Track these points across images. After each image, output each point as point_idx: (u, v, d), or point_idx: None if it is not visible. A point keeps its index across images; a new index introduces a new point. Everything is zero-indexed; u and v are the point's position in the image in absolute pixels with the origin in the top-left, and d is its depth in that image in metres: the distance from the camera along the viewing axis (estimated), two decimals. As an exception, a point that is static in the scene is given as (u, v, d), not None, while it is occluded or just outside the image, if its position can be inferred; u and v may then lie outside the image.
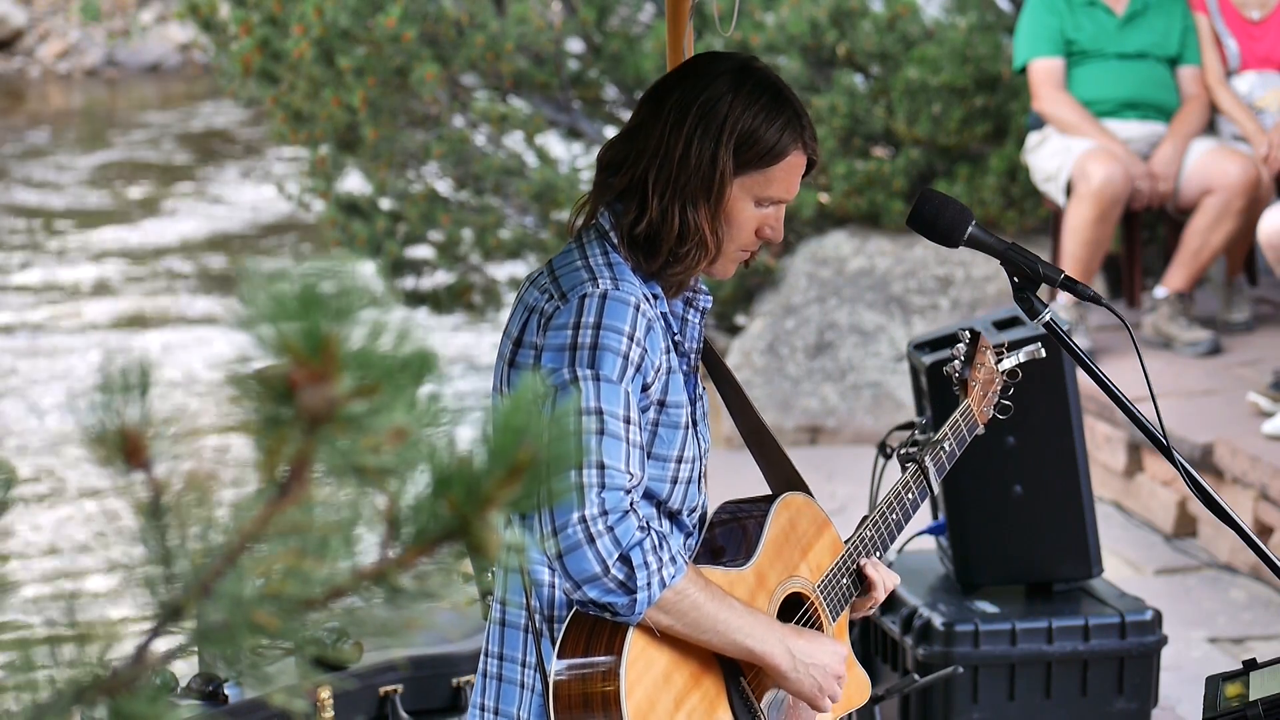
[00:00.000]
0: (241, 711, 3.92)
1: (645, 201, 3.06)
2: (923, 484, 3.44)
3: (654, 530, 2.93)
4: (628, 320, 2.98)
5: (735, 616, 3.02)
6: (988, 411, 3.58)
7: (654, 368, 3.02)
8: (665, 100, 3.10)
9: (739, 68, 3.12)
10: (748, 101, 3.07)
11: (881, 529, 3.37)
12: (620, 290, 3.01)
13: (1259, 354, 7.54)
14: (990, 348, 3.59)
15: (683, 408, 3.08)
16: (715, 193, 3.06)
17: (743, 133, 3.06)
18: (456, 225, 9.53)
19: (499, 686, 3.12)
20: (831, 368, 8.49)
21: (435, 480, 1.17)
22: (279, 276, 1.14)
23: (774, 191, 3.10)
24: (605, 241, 3.09)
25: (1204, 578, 6.51)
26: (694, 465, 3.13)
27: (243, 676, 1.20)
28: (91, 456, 1.17)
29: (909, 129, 8.76)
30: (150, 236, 14.51)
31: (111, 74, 22.69)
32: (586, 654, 2.98)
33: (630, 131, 3.13)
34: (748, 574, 3.15)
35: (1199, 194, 7.53)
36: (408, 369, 1.16)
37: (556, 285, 3.04)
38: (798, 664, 3.09)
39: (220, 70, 10.59)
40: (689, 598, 2.96)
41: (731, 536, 3.21)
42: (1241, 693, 3.13)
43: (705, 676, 3.08)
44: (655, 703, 2.99)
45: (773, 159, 3.08)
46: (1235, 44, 7.81)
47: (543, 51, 9.35)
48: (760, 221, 3.12)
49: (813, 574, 3.27)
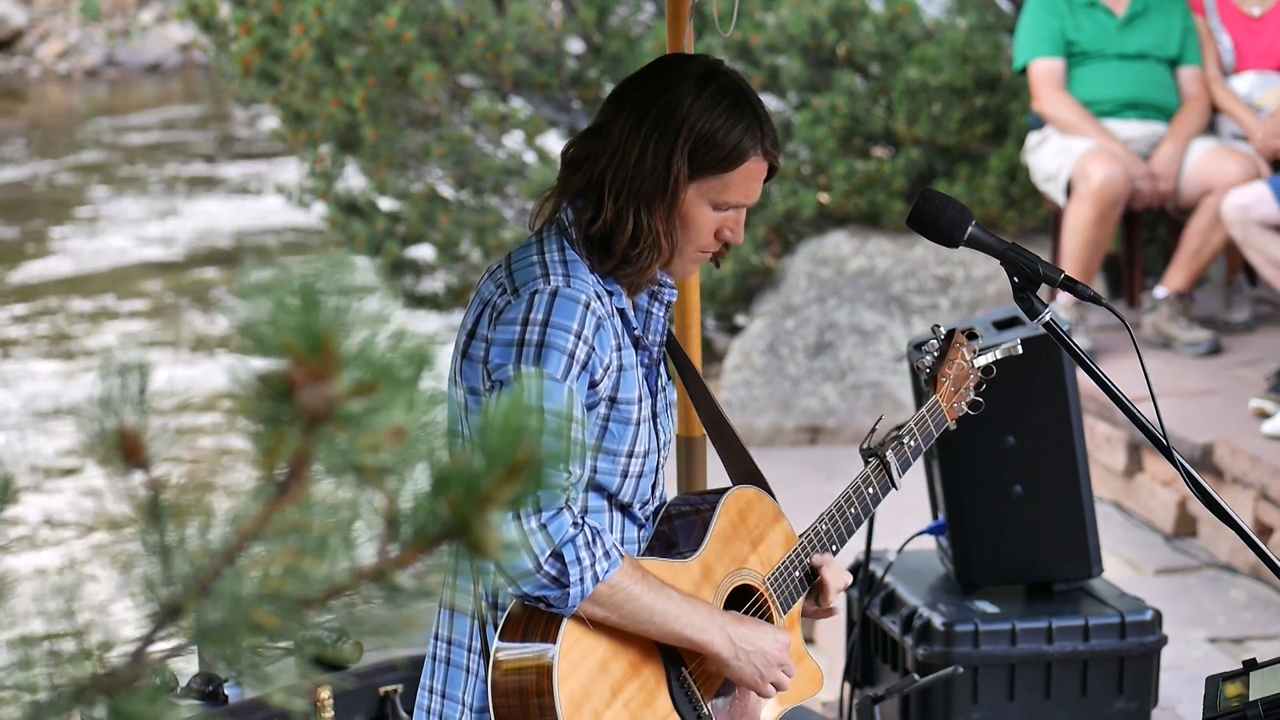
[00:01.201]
0: (241, 711, 3.92)
1: (601, 202, 3.07)
2: (884, 478, 3.44)
3: (588, 526, 2.96)
4: (576, 318, 3.00)
5: (673, 606, 3.05)
6: (959, 408, 3.58)
7: (602, 365, 3.04)
8: (626, 100, 3.11)
9: (703, 72, 3.12)
10: (707, 106, 3.07)
11: (838, 522, 3.38)
12: (571, 288, 3.02)
13: (1259, 354, 7.54)
14: (966, 345, 3.60)
15: (634, 404, 3.10)
16: (669, 196, 3.06)
17: (699, 137, 3.06)
18: (456, 225, 9.53)
19: (446, 670, 3.15)
20: (831, 368, 8.49)
21: (434, 479, 1.17)
22: (278, 276, 1.14)
23: (731, 196, 3.10)
24: (564, 237, 3.10)
25: (1204, 578, 6.51)
26: (646, 460, 3.15)
27: (242, 676, 1.20)
28: (91, 456, 1.17)
29: (909, 129, 8.76)
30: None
31: (111, 74, 22.69)
32: (523, 643, 3.01)
33: (593, 130, 3.14)
34: (692, 565, 3.17)
35: (1199, 194, 7.53)
36: (406, 368, 1.16)
37: (510, 280, 3.06)
38: (739, 651, 3.12)
39: (220, 70, 10.59)
40: (623, 590, 2.99)
41: (681, 529, 3.23)
42: (1241, 693, 3.13)
43: (644, 665, 3.10)
44: (590, 692, 3.02)
45: (730, 164, 3.08)
46: (1230, 40, 7.81)
47: (543, 51, 9.35)
48: (719, 224, 3.12)
49: (763, 566, 3.28)
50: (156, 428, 1.18)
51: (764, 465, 3.46)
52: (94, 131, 19.40)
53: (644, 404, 3.13)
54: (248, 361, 1.16)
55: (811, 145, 8.89)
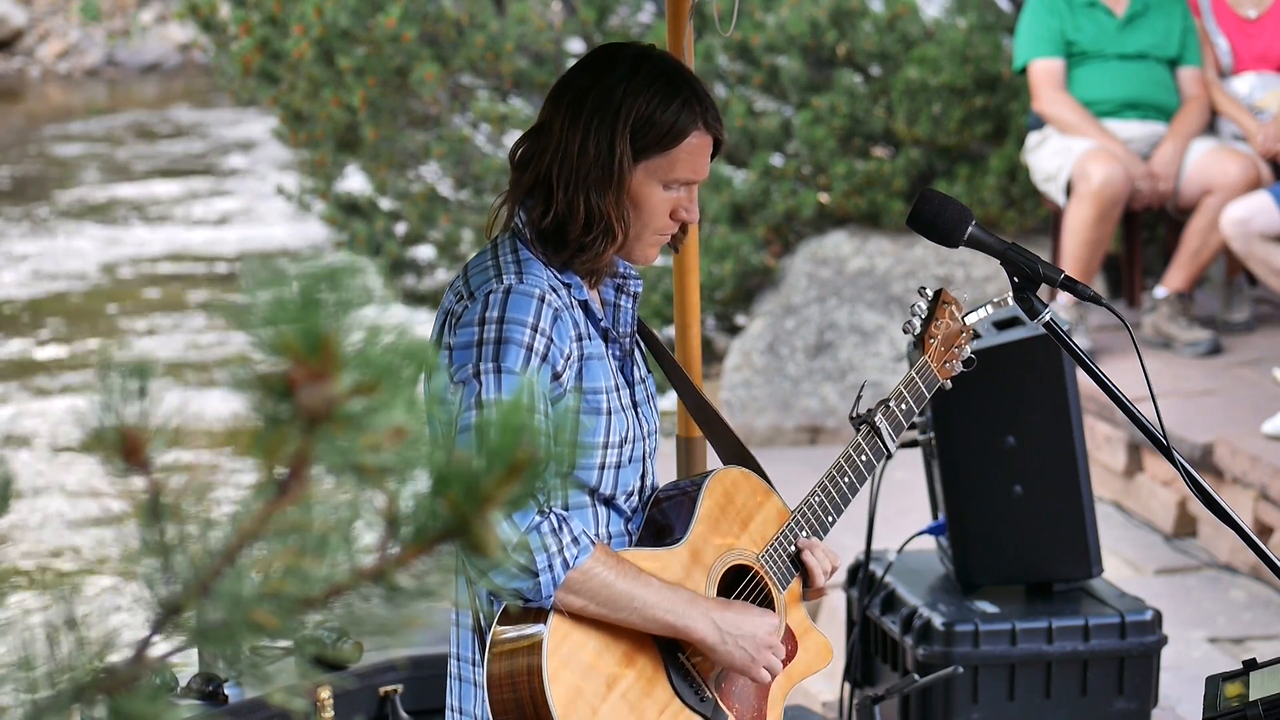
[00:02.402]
0: (241, 711, 3.92)
1: (551, 195, 3.10)
2: (876, 444, 3.41)
3: (554, 513, 2.96)
4: (531, 311, 3.02)
5: (652, 593, 3.04)
6: (952, 367, 3.55)
7: (563, 356, 3.05)
8: (564, 95, 3.14)
9: (635, 56, 3.16)
10: (641, 87, 3.10)
11: (831, 492, 3.36)
12: (525, 283, 3.05)
13: (1259, 354, 7.54)
14: (954, 303, 3.57)
15: (602, 394, 3.11)
16: (616, 180, 3.09)
17: (638, 118, 3.10)
18: (456, 225, 9.53)
19: (459, 686, 3.17)
20: (831, 368, 8.49)
21: (434, 479, 1.17)
22: (278, 275, 1.14)
23: (679, 173, 3.13)
24: (518, 239, 3.13)
25: (1204, 578, 6.51)
26: (623, 450, 3.15)
27: (243, 676, 1.20)
28: (91, 455, 1.17)
29: (909, 129, 8.75)
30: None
31: (111, 74, 22.70)
32: (512, 644, 3.02)
33: (536, 129, 3.17)
34: (680, 551, 3.16)
35: (1199, 194, 7.53)
36: (406, 368, 1.16)
37: (467, 286, 3.10)
38: (725, 636, 3.11)
39: (220, 70, 10.59)
40: (597, 577, 2.98)
41: (670, 515, 3.23)
42: (1241, 693, 3.13)
43: (639, 655, 3.10)
44: (583, 688, 3.02)
45: (671, 141, 3.11)
46: (1226, 43, 7.81)
47: (543, 51, 9.35)
48: (673, 204, 3.15)
49: (756, 544, 3.28)
50: (157, 427, 1.18)
51: (764, 465, 3.45)
52: (38, 138, 18.58)
53: (620, 393, 3.14)
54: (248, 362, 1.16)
55: (811, 145, 8.89)
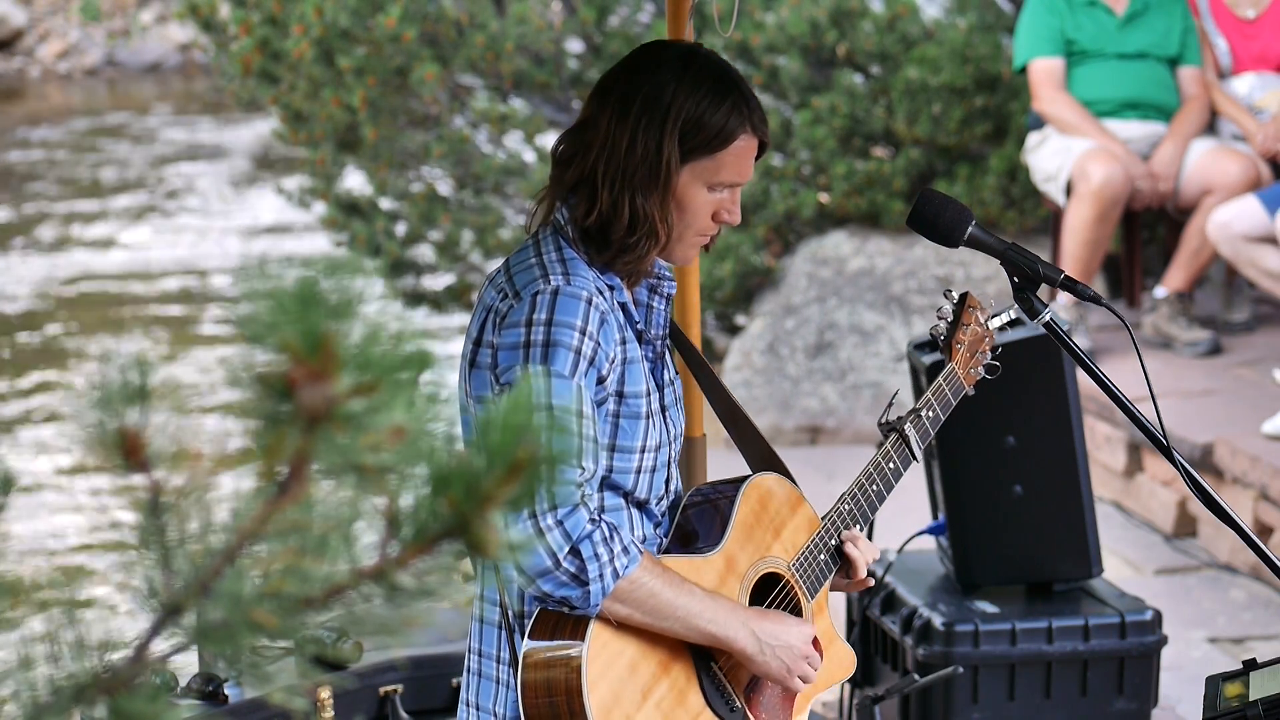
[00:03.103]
0: (241, 711, 3.92)
1: (595, 194, 3.08)
2: (904, 452, 3.42)
3: (605, 522, 2.95)
4: (580, 314, 3.00)
5: (696, 602, 3.04)
6: (976, 373, 3.54)
7: (608, 359, 3.04)
8: (611, 92, 3.12)
9: (683, 55, 3.13)
10: (691, 88, 3.08)
11: (861, 501, 3.37)
12: (572, 285, 3.03)
13: (1259, 354, 7.54)
14: (979, 307, 3.54)
15: (642, 397, 3.10)
16: (663, 181, 3.07)
17: (687, 119, 3.07)
18: (456, 225, 9.53)
19: (479, 683, 3.15)
20: (831, 368, 8.49)
21: (434, 478, 1.17)
22: (278, 275, 1.14)
23: (725, 176, 3.11)
24: (560, 236, 3.11)
25: (1204, 578, 6.51)
26: (658, 454, 3.14)
27: (243, 676, 1.20)
28: (91, 456, 1.17)
29: (909, 129, 8.75)
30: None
31: (111, 74, 22.69)
32: (550, 649, 3.01)
33: (580, 125, 3.15)
34: (716, 559, 3.16)
35: (1199, 194, 7.53)
36: (406, 367, 1.16)
37: (511, 284, 3.07)
38: (763, 646, 3.11)
39: (220, 70, 10.59)
40: (645, 586, 2.98)
41: (701, 521, 3.22)
42: (1241, 693, 3.13)
43: (674, 664, 3.09)
44: (620, 696, 3.01)
45: (720, 144, 3.09)
46: (1225, 43, 7.81)
47: (543, 51, 9.35)
48: (715, 206, 3.13)
49: (787, 553, 3.27)
50: (157, 427, 1.18)
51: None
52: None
53: (652, 397, 3.13)
54: (249, 360, 1.16)
55: (811, 145, 8.89)
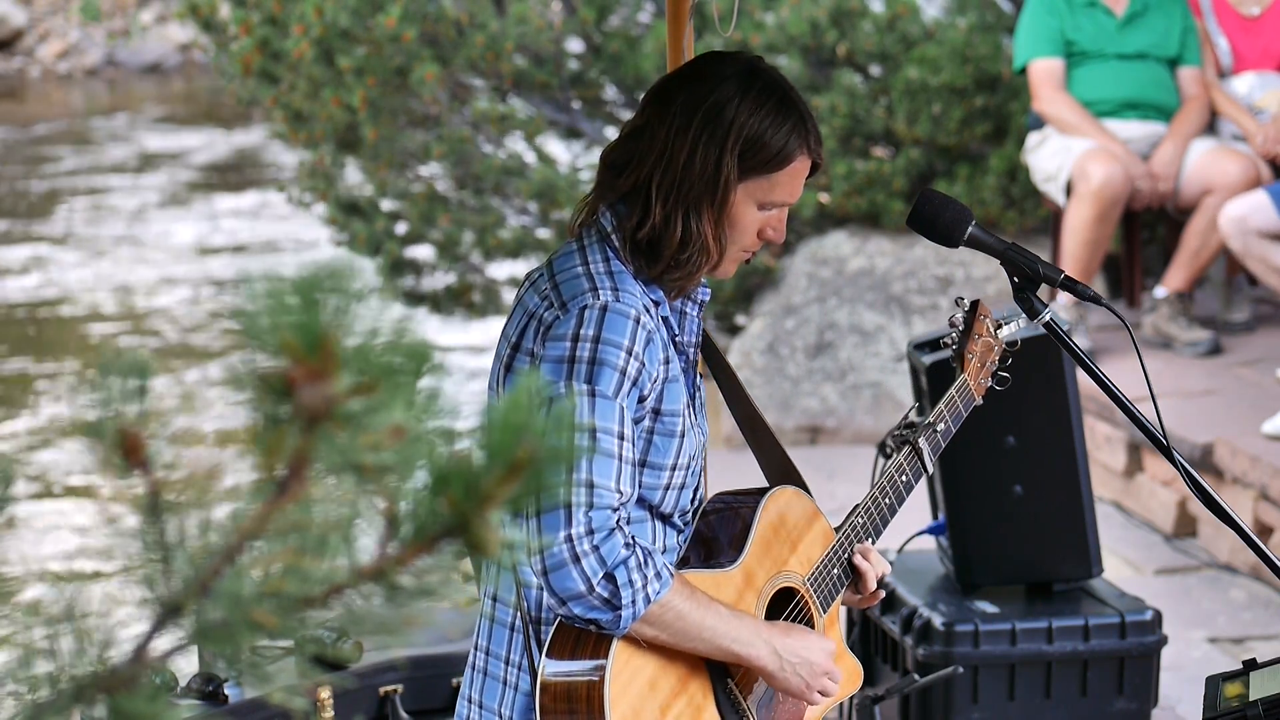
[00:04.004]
0: (241, 711, 3.92)
1: (649, 206, 3.03)
2: (917, 465, 3.41)
3: (640, 547, 2.93)
4: (627, 334, 2.96)
5: (721, 622, 3.03)
6: (985, 383, 3.52)
7: (651, 379, 3.01)
8: (671, 102, 3.07)
9: (746, 70, 3.08)
10: (754, 106, 3.04)
11: (874, 514, 3.35)
12: (621, 302, 2.98)
13: (1259, 354, 7.54)
14: (989, 316, 3.51)
15: (679, 416, 3.06)
16: (719, 198, 3.03)
17: (749, 138, 3.03)
18: (456, 225, 9.53)
19: (484, 681, 3.13)
20: (831, 368, 8.49)
21: (434, 478, 1.17)
22: (278, 275, 1.14)
23: (778, 195, 3.09)
24: (607, 245, 3.06)
25: (1204, 578, 6.51)
26: (688, 471, 3.12)
27: (243, 675, 1.21)
28: (90, 454, 1.17)
29: (909, 129, 8.75)
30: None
31: (111, 74, 22.69)
32: (572, 662, 2.99)
33: (635, 132, 3.09)
34: (735, 574, 3.14)
35: (1199, 194, 7.53)
36: (406, 367, 1.15)
37: (557, 293, 3.02)
38: (784, 663, 3.09)
39: (220, 70, 10.59)
40: (674, 609, 2.96)
41: (721, 532, 3.21)
42: (1241, 693, 3.13)
43: (692, 680, 3.08)
44: (640, 712, 3.00)
45: (778, 164, 3.06)
46: (1227, 43, 7.81)
47: (543, 51, 9.35)
48: (763, 224, 3.10)
49: (803, 567, 3.26)
50: (157, 427, 1.18)
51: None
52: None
53: (688, 414, 3.09)
54: (249, 360, 1.16)
55: (811, 145, 8.88)
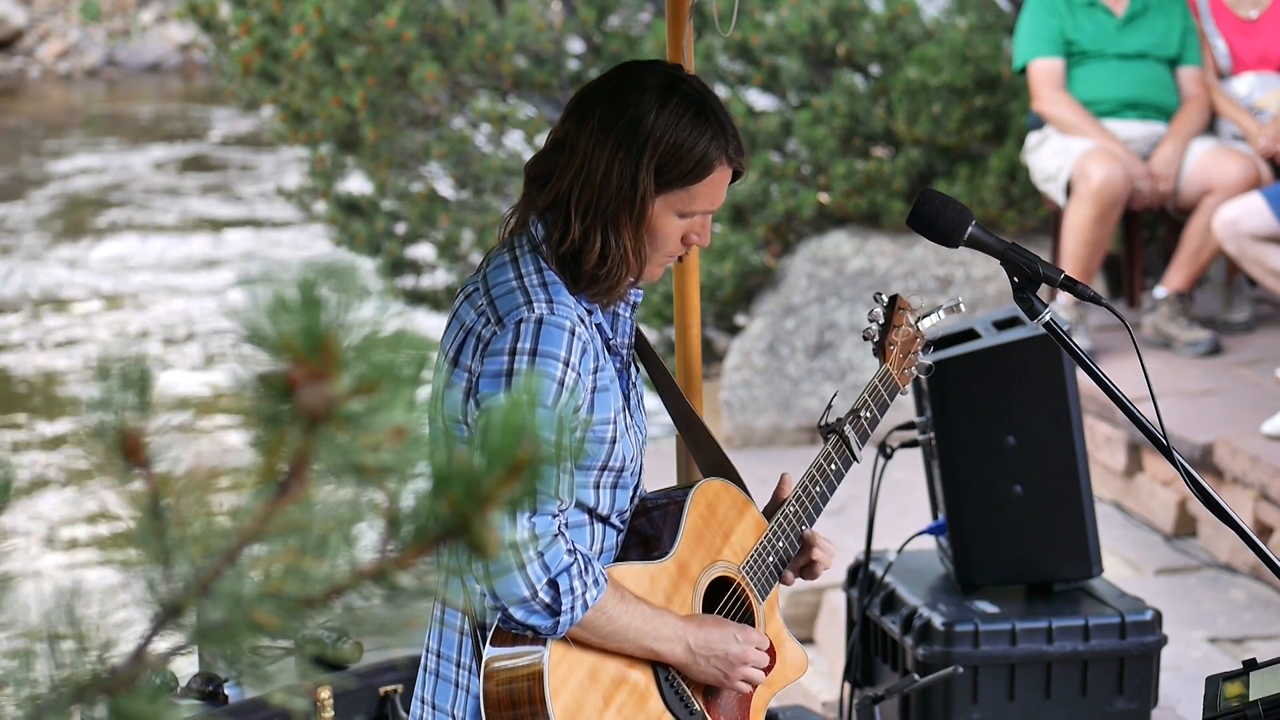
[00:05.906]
0: (241, 711, 3.92)
1: (568, 222, 3.06)
2: (845, 453, 3.47)
3: (580, 554, 2.99)
4: (563, 345, 2.99)
5: (644, 622, 3.10)
6: (909, 374, 3.59)
7: (586, 389, 3.04)
8: (590, 115, 3.08)
9: (664, 82, 3.10)
10: (671, 120, 3.05)
11: (805, 503, 3.41)
12: (556, 315, 3.01)
13: (1259, 354, 7.54)
14: (909, 308, 3.60)
15: (609, 423, 3.10)
16: (636, 212, 3.05)
17: (665, 152, 3.05)
18: (456, 225, 9.53)
19: (436, 683, 3.18)
20: (831, 368, 8.49)
21: (435, 479, 1.17)
22: (278, 275, 1.14)
23: (698, 205, 3.11)
24: (538, 255, 3.09)
25: (1204, 578, 6.51)
26: (623, 474, 3.16)
27: (243, 676, 1.20)
28: (91, 454, 1.17)
29: (909, 129, 8.75)
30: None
31: (111, 74, 22.69)
32: (513, 656, 3.05)
33: (555, 144, 3.12)
34: (669, 565, 3.20)
35: (1199, 194, 7.53)
36: (406, 368, 1.16)
37: (493, 309, 3.04)
38: (696, 656, 3.16)
39: (220, 70, 10.59)
40: (605, 613, 3.04)
41: (652, 528, 3.26)
42: (1241, 693, 3.13)
43: (632, 670, 3.15)
44: (583, 703, 3.06)
45: (697, 176, 3.08)
46: (1224, 44, 7.81)
47: (543, 51, 9.35)
48: (685, 230, 3.13)
49: (737, 556, 3.31)
50: (157, 427, 1.18)
51: (764, 465, 3.47)
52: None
53: (619, 420, 3.13)
54: (249, 361, 1.16)
55: (811, 145, 8.89)
